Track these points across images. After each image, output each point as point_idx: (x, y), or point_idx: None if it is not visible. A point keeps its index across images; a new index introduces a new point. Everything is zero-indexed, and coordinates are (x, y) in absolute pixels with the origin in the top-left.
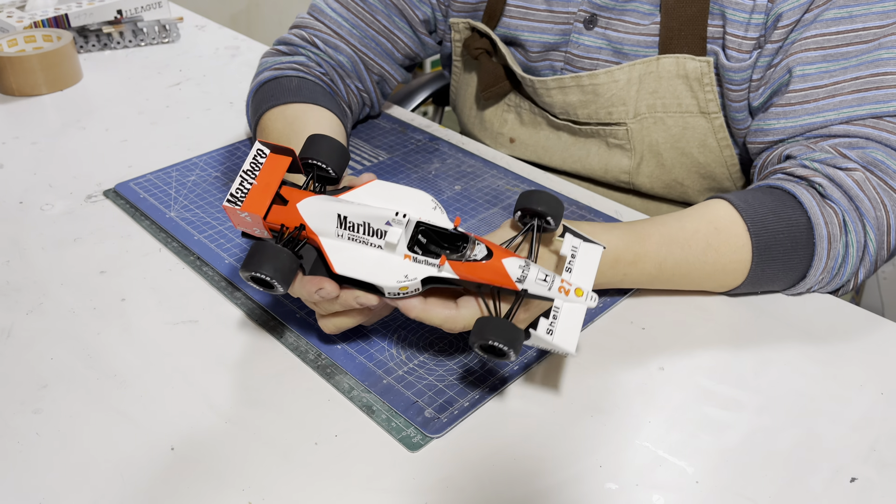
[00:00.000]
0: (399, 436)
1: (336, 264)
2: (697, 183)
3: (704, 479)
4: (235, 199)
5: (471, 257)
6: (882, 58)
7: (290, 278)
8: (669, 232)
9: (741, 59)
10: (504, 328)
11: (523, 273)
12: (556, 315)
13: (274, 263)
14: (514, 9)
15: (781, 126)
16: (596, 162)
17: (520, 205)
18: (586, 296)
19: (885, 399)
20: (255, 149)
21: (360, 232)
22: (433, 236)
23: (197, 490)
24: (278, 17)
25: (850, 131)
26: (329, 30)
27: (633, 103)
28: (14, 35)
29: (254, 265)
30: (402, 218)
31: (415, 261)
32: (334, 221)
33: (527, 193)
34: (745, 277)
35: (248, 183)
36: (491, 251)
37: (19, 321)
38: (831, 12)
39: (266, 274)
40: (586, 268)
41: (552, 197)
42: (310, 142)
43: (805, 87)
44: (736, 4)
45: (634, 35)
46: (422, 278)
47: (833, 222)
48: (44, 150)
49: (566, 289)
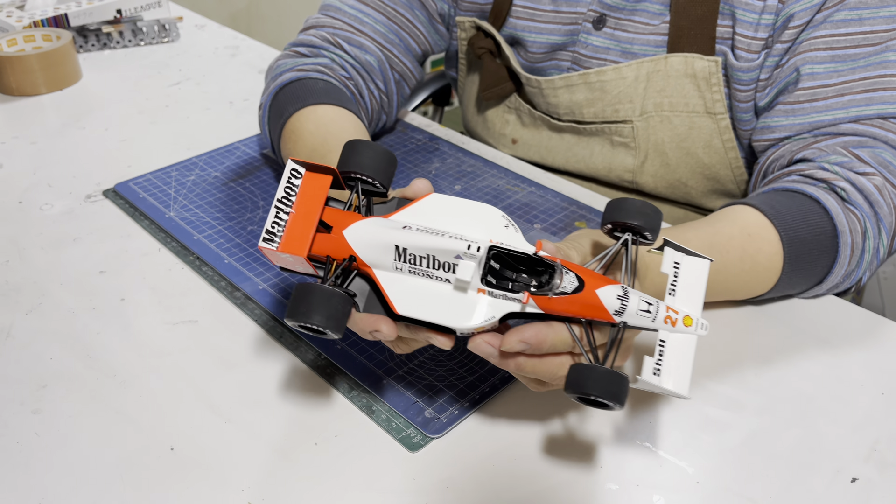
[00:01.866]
0: (399, 436)
1: (398, 304)
2: (701, 184)
3: (705, 480)
4: (272, 237)
5: (559, 290)
6: (889, 59)
7: (343, 323)
8: (707, 238)
9: (750, 59)
10: (605, 379)
11: (622, 304)
12: (662, 351)
13: (325, 311)
14: (521, 9)
15: (789, 123)
16: (599, 161)
17: (609, 217)
18: (696, 324)
19: (886, 399)
20: (288, 170)
21: (423, 265)
22: (507, 259)
23: (196, 490)
24: (278, 16)
25: (859, 130)
26: (352, 28)
27: (640, 101)
28: (13, 35)
29: (302, 315)
30: (475, 251)
31: (491, 295)
32: (391, 253)
33: (617, 203)
34: (773, 285)
35: (284, 214)
36: (582, 280)
37: (19, 321)
38: (841, 14)
39: (317, 325)
40: (692, 289)
41: (647, 205)
42: (350, 150)
43: (814, 86)
44: (746, 5)
45: (644, 35)
46: (500, 317)
47: (856, 230)
48: (43, 149)
49: (673, 318)
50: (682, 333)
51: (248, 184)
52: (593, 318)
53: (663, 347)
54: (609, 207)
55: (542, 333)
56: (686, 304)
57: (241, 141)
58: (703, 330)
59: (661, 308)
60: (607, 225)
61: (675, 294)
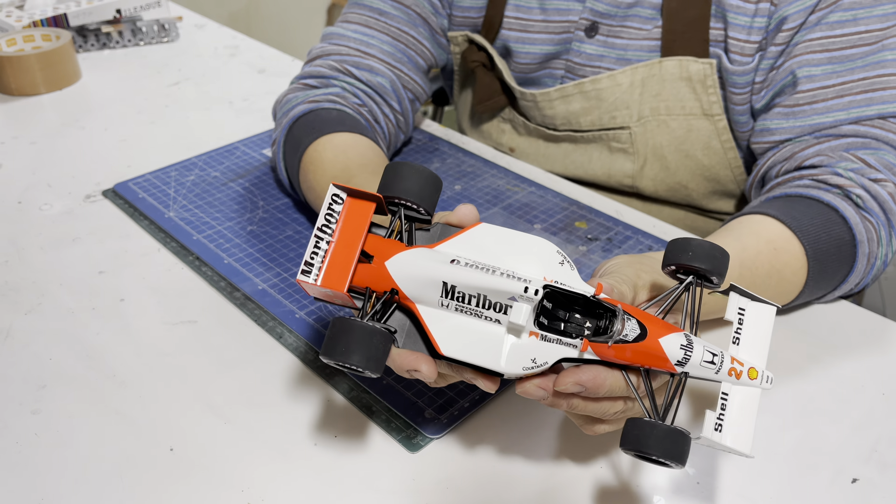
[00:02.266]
0: (399, 437)
1: (442, 344)
2: (702, 186)
3: (705, 480)
4: (310, 269)
5: (620, 337)
6: (886, 59)
7: (383, 363)
8: (736, 254)
9: (744, 62)
10: (668, 439)
11: (686, 355)
12: (724, 405)
13: (365, 351)
14: (513, 20)
15: (790, 125)
16: (598, 167)
17: (674, 258)
18: (761, 377)
19: (887, 400)
20: (329, 195)
21: (472, 304)
22: (560, 298)
23: (196, 491)
24: (277, 16)
25: (860, 132)
26: (359, 52)
27: (637, 106)
28: (13, 34)
29: (341, 354)
30: (532, 295)
31: (544, 339)
32: (438, 289)
33: (683, 244)
34: (794, 297)
35: (324, 243)
36: (645, 328)
37: (18, 321)
38: (836, 15)
39: (356, 365)
40: (758, 338)
41: (717, 248)
42: (392, 173)
43: (813, 88)
44: (737, 8)
45: (637, 40)
46: (552, 363)
47: (873, 238)
48: (42, 149)
49: (738, 371)
50: (746, 386)
51: (248, 184)
52: (652, 367)
53: (725, 401)
54: (673, 247)
55: (601, 378)
56: (751, 354)
57: (241, 141)
58: (768, 384)
59: (726, 359)
60: (671, 266)
61: (739, 343)
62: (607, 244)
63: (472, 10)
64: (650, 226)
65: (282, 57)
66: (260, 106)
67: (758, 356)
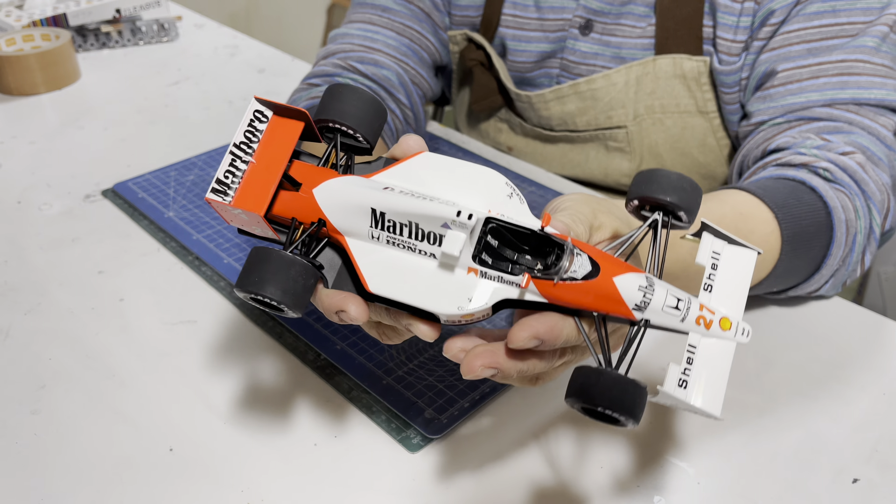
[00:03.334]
0: (399, 437)
1: (370, 279)
2: (699, 183)
3: (706, 481)
4: (225, 189)
5: (568, 274)
6: (867, 45)
7: (305, 300)
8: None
9: (731, 62)
10: (618, 387)
11: (645, 297)
12: (690, 359)
13: (282, 283)
14: (510, 18)
15: (765, 107)
16: (595, 167)
17: (637, 191)
18: (735, 328)
19: (888, 400)
20: (250, 110)
21: (403, 234)
22: (507, 235)
23: (196, 491)
24: (277, 15)
25: (833, 115)
26: (363, 47)
27: (632, 105)
28: (12, 34)
29: (254, 284)
30: (466, 220)
31: (484, 276)
32: (367, 217)
33: (647, 175)
34: (771, 268)
35: (241, 162)
36: (597, 265)
37: (17, 321)
38: (814, 6)
39: (272, 297)
40: (734, 286)
41: (685, 179)
42: (329, 96)
43: (789, 67)
44: (725, 7)
45: (631, 38)
46: (492, 305)
47: (848, 207)
48: (42, 149)
49: (707, 319)
50: (718, 338)
51: None
52: (608, 313)
53: (693, 354)
54: (637, 180)
55: (559, 328)
56: (724, 304)
57: None
58: (744, 336)
59: (694, 305)
60: (634, 201)
61: (711, 290)
62: None
63: (470, 9)
64: None
65: (281, 57)
66: None
67: (733, 306)
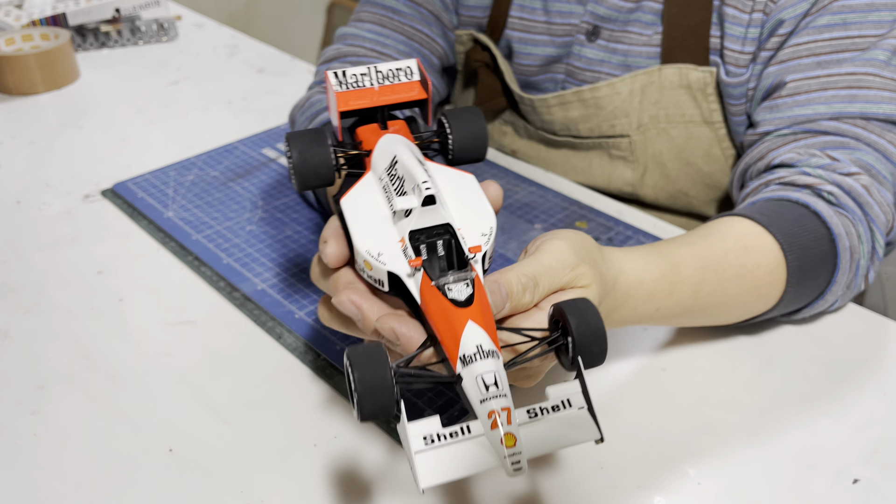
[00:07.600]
0: (399, 437)
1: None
2: (703, 193)
3: (706, 481)
4: (342, 81)
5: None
6: (877, 58)
7: (310, 159)
8: (701, 254)
9: (738, 73)
10: (366, 360)
11: (475, 356)
12: (456, 433)
13: (300, 145)
14: (517, 21)
15: (771, 117)
16: (598, 174)
17: (556, 310)
18: (513, 451)
19: (888, 400)
20: (405, 64)
21: (394, 184)
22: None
23: (195, 491)
24: (277, 15)
25: (841, 129)
26: (374, 52)
27: (636, 114)
28: (11, 34)
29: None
30: (424, 188)
31: (404, 253)
32: (388, 160)
33: (583, 307)
34: (776, 301)
35: (369, 80)
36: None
37: (17, 322)
38: (824, 18)
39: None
40: (552, 441)
41: (600, 330)
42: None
43: (798, 79)
44: (733, 18)
45: (637, 46)
46: (387, 270)
47: (851, 233)
48: (41, 149)
49: (499, 422)
50: (492, 445)
51: (247, 184)
52: (441, 344)
53: (463, 435)
54: (575, 305)
55: (408, 336)
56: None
57: (240, 140)
58: (511, 467)
59: (502, 402)
60: (554, 310)
61: (535, 417)
62: (607, 244)
63: (477, 10)
64: (651, 226)
65: (281, 56)
66: (259, 105)
67: (535, 448)
